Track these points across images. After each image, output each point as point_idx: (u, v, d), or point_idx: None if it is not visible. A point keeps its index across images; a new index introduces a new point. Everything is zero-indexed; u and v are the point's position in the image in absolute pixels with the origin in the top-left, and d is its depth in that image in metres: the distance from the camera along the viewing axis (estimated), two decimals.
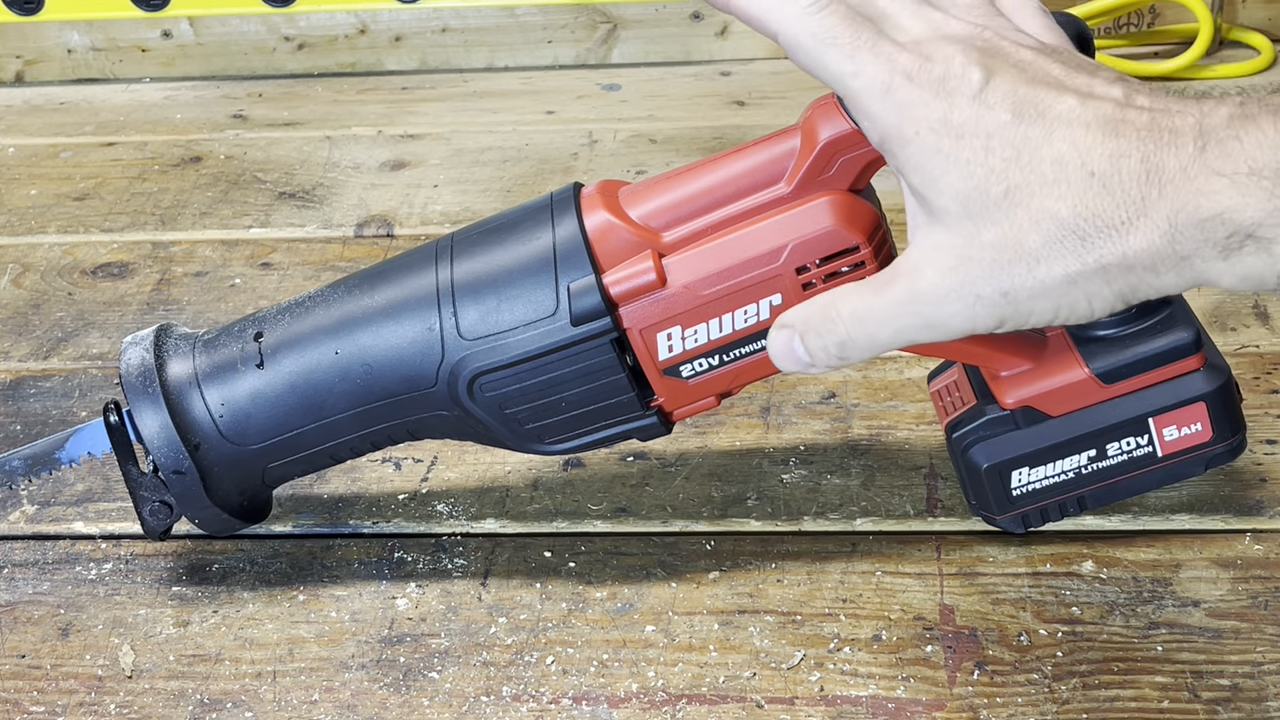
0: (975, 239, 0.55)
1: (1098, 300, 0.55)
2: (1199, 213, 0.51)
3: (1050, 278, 0.54)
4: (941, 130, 0.55)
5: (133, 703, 0.71)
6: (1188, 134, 0.52)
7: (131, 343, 0.75)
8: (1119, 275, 0.54)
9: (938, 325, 0.57)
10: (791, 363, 0.62)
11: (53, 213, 1.14)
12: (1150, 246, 0.52)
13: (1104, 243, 0.53)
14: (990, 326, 0.56)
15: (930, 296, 0.56)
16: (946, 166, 0.55)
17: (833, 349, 0.60)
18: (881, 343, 0.59)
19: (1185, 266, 0.53)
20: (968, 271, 0.55)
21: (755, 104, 1.24)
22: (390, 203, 1.12)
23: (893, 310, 0.58)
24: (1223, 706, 0.67)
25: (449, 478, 0.84)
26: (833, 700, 0.68)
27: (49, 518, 0.83)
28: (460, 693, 0.70)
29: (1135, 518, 0.77)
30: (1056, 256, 0.54)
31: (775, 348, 0.63)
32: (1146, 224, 0.52)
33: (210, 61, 1.36)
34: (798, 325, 0.62)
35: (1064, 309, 0.55)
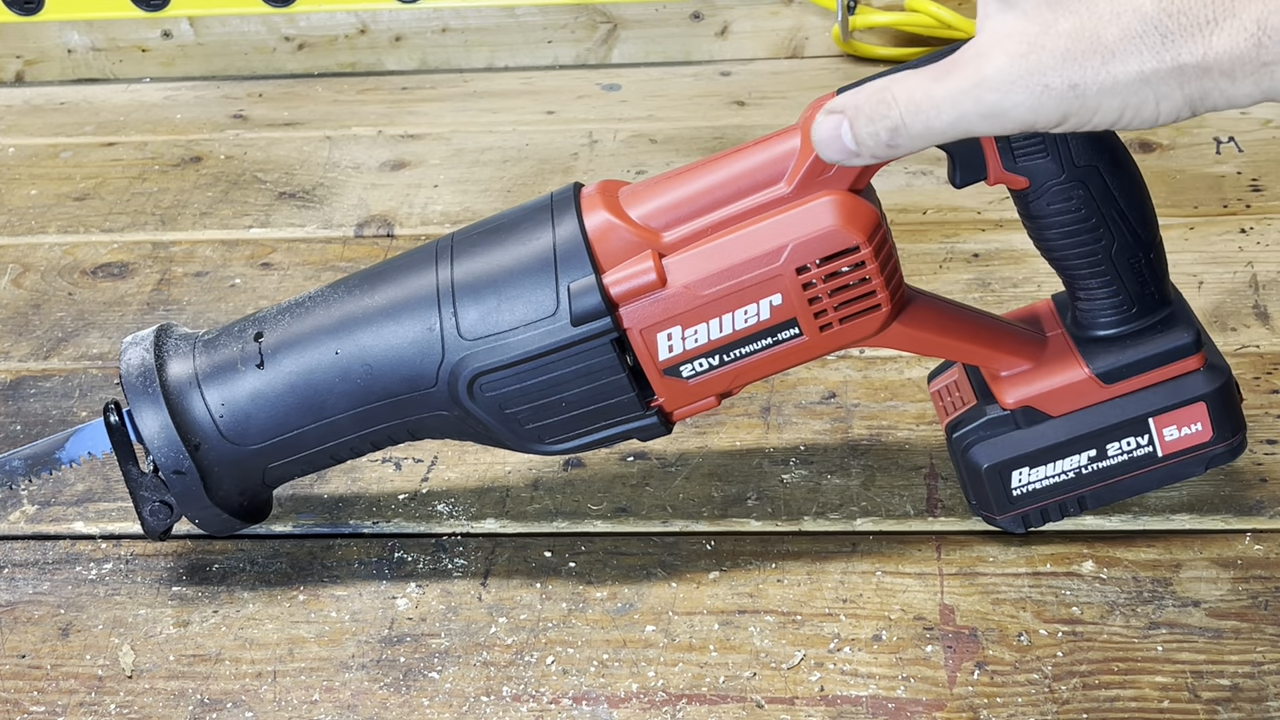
0: (1052, 26, 0.53)
1: (1166, 103, 0.53)
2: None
3: (1124, 73, 0.52)
4: None
5: (133, 703, 0.71)
6: None
7: (132, 343, 0.75)
8: (1194, 78, 0.52)
9: (999, 114, 0.55)
10: (836, 150, 0.60)
11: (53, 213, 1.14)
12: (1233, 49, 0.51)
13: (1185, 41, 0.52)
14: (1053, 121, 0.54)
15: (996, 82, 0.54)
16: None
17: (884, 135, 0.58)
18: (937, 130, 0.57)
19: (1265, 74, 0.51)
20: (1039, 59, 0.53)
21: (755, 104, 1.23)
22: (390, 203, 1.12)
23: (954, 96, 0.55)
24: (1223, 706, 0.67)
25: (449, 478, 0.84)
26: (833, 700, 0.68)
27: (49, 518, 0.83)
28: (460, 693, 0.70)
29: (1135, 518, 0.77)
30: (1133, 52, 0.52)
31: (821, 133, 0.60)
32: (1233, 25, 0.51)
33: (210, 61, 1.36)
34: (848, 110, 0.59)
35: (1130, 109, 0.54)
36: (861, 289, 0.68)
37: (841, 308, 0.69)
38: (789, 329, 0.69)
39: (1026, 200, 0.70)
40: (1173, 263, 0.74)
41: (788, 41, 1.31)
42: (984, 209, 1.03)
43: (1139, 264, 0.71)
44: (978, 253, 0.99)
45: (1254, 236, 0.99)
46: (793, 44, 1.31)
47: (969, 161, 0.68)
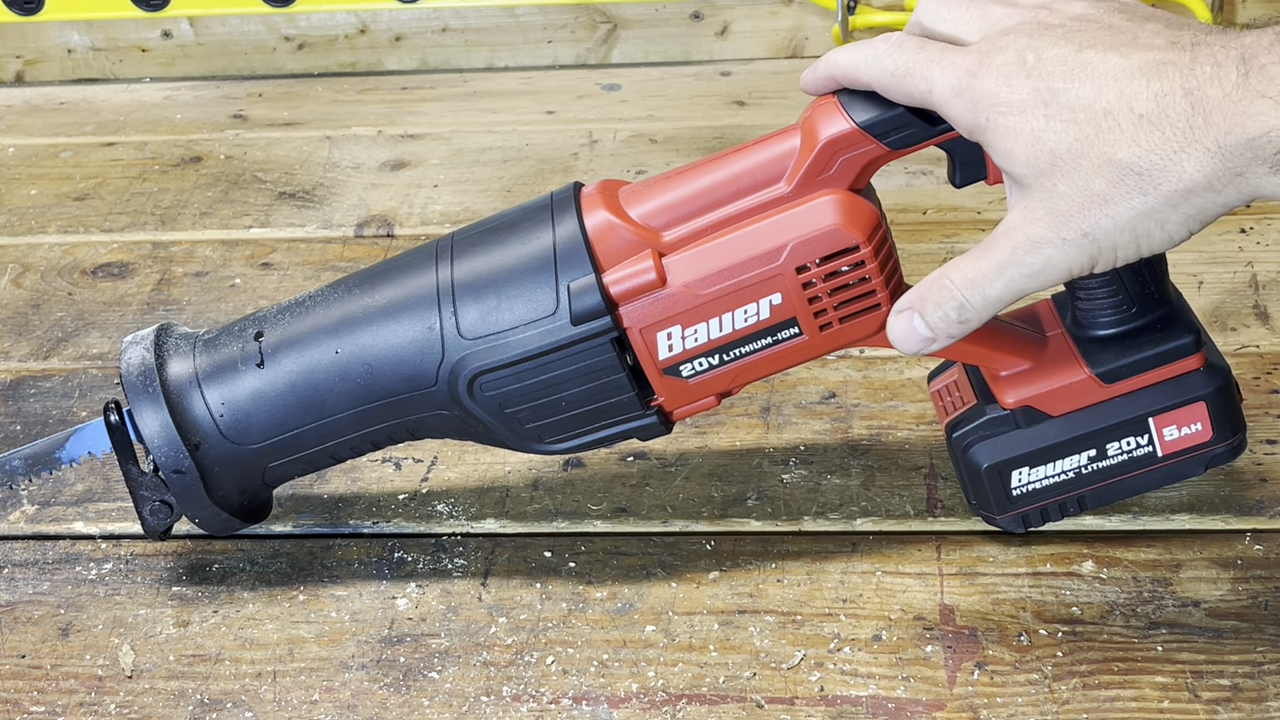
0: (1052, 192, 0.61)
1: (1170, 226, 0.60)
2: (1245, 133, 0.56)
3: (1121, 214, 0.59)
4: (1006, 110, 0.61)
5: (133, 703, 0.71)
6: (1230, 64, 0.57)
7: (132, 342, 0.75)
8: (1182, 201, 0.58)
9: (1040, 271, 0.62)
10: (915, 342, 0.66)
11: (53, 213, 1.14)
12: (1204, 170, 0.57)
13: (1161, 174, 0.58)
14: (1085, 265, 0.61)
15: (1027, 247, 0.62)
16: (1015, 140, 0.61)
17: (953, 315, 0.64)
18: (994, 298, 0.63)
19: (1241, 182, 0.57)
20: (1052, 220, 0.61)
21: (755, 104, 1.23)
22: (390, 203, 1.12)
23: (999, 267, 0.63)
24: (1223, 706, 0.67)
25: (449, 478, 0.84)
26: (833, 700, 0.68)
27: (49, 518, 0.83)
28: (460, 693, 0.70)
29: (1135, 518, 0.77)
30: (1122, 195, 0.59)
31: (897, 332, 0.66)
32: (1197, 150, 0.57)
33: (210, 61, 1.36)
34: (915, 304, 0.66)
35: (1142, 240, 0.60)
36: (861, 288, 0.68)
37: (841, 307, 0.69)
38: (789, 328, 0.69)
39: None
40: (1173, 263, 0.74)
41: (788, 41, 1.31)
42: (984, 209, 1.03)
43: (1139, 264, 0.71)
44: None
45: (1254, 236, 0.99)
46: (793, 44, 1.31)
47: (969, 161, 0.69)
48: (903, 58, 0.64)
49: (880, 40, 0.66)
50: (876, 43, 0.66)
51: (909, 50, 0.64)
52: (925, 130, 0.66)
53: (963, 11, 0.65)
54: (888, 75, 0.65)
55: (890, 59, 0.64)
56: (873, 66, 0.65)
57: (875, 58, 0.65)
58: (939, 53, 0.63)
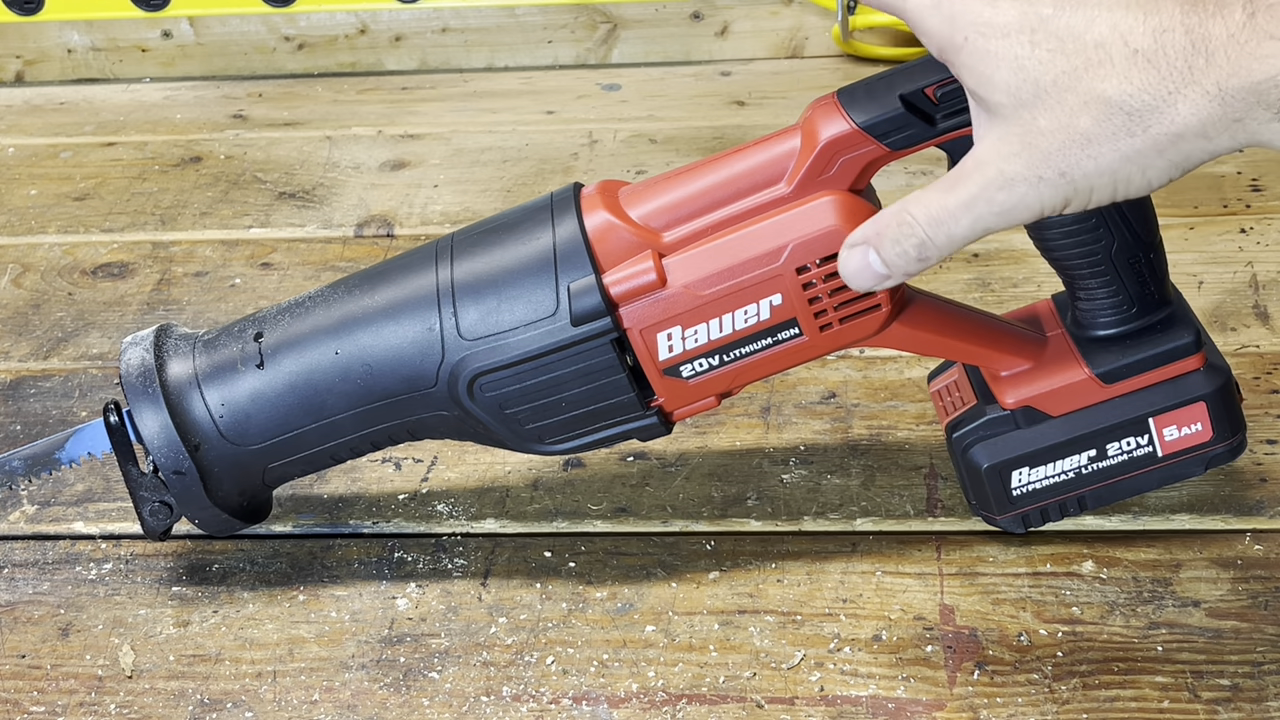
0: (1032, 126, 0.57)
1: (1152, 172, 0.56)
2: (1251, 76, 0.52)
3: (1104, 156, 0.56)
4: (988, 32, 0.57)
5: (133, 703, 0.71)
6: (1236, 2, 0.53)
7: (131, 343, 0.75)
8: (1170, 146, 0.55)
9: (1010, 210, 0.58)
10: (868, 278, 0.63)
11: (53, 213, 1.14)
12: (1199, 114, 0.54)
13: (1152, 116, 0.55)
14: (1058, 206, 0.58)
15: (998, 183, 0.58)
16: (996, 65, 0.57)
17: (912, 252, 0.61)
18: (959, 236, 0.60)
19: (1238, 129, 0.54)
20: (1029, 156, 0.57)
21: (755, 104, 1.24)
22: (390, 203, 1.12)
23: (967, 203, 0.59)
24: (1223, 706, 0.67)
25: (449, 478, 0.84)
26: (833, 700, 0.69)
27: (49, 518, 0.83)
28: (460, 693, 0.70)
29: (1135, 518, 0.77)
30: (1108, 135, 0.55)
31: (849, 267, 0.63)
32: (1194, 92, 0.54)
33: (210, 61, 1.36)
34: (870, 238, 0.62)
35: (1121, 184, 0.57)
36: None
37: (841, 308, 0.69)
38: (789, 329, 0.69)
39: None
40: (1173, 263, 0.74)
41: (788, 41, 1.31)
42: None
43: (1139, 264, 0.71)
44: (978, 253, 0.99)
45: (1254, 236, 0.99)
46: (793, 44, 1.31)
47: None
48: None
49: None
50: None
51: None
52: (925, 131, 0.66)
53: None
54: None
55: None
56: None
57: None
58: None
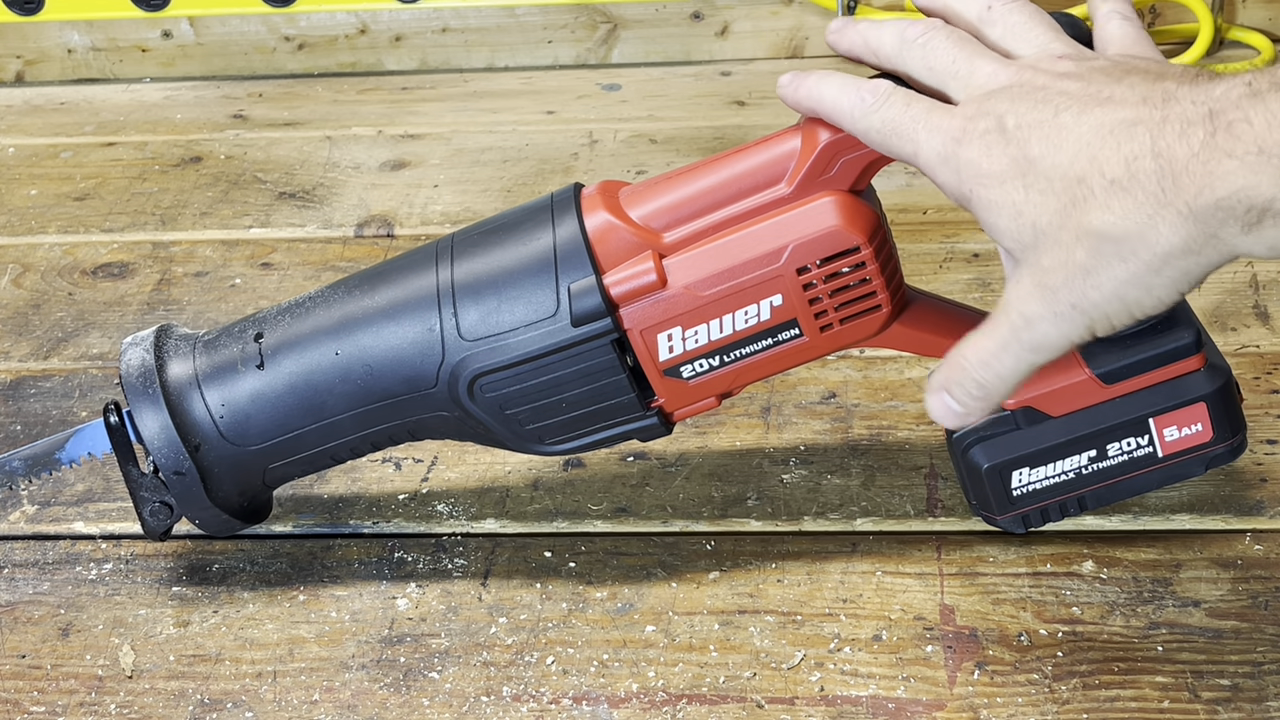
0: (1038, 266, 0.59)
1: (1158, 290, 0.57)
2: (1215, 193, 0.54)
3: (1105, 284, 0.57)
4: (987, 183, 0.60)
5: (133, 703, 0.71)
6: (1198, 122, 0.55)
7: (132, 343, 0.75)
8: (1163, 266, 0.56)
9: (1040, 347, 0.61)
10: (954, 419, 0.65)
11: (53, 213, 1.14)
12: (1179, 233, 0.55)
13: (1138, 241, 0.56)
14: (1084, 335, 0.60)
15: (1021, 325, 0.60)
16: (999, 214, 0.60)
17: (975, 393, 0.63)
18: (1008, 374, 0.62)
19: (1217, 243, 0.55)
20: (1041, 296, 0.59)
21: (755, 104, 1.24)
22: (390, 203, 1.12)
23: (1003, 345, 0.61)
24: (1223, 706, 0.67)
25: (449, 478, 0.84)
26: (833, 700, 0.69)
27: (49, 518, 0.83)
28: (460, 693, 0.70)
29: (1135, 518, 0.77)
30: (1104, 265, 0.57)
31: (935, 412, 0.65)
32: (1169, 213, 0.55)
33: (210, 61, 1.36)
34: (943, 384, 0.64)
35: (1133, 307, 0.58)
36: (862, 289, 0.68)
37: (842, 308, 0.69)
38: (789, 329, 0.69)
39: None
40: None
41: (788, 41, 1.31)
42: None
43: None
44: (978, 253, 0.99)
45: None
46: (793, 44, 1.31)
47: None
48: (890, 114, 0.63)
49: (868, 89, 0.64)
50: (864, 90, 0.64)
51: (896, 107, 0.63)
52: None
53: (951, 65, 0.63)
54: (874, 131, 0.63)
55: (877, 115, 0.63)
56: (859, 119, 0.64)
57: (862, 110, 0.64)
58: (925, 112, 0.62)
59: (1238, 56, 1.24)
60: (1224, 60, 1.24)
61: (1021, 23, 0.64)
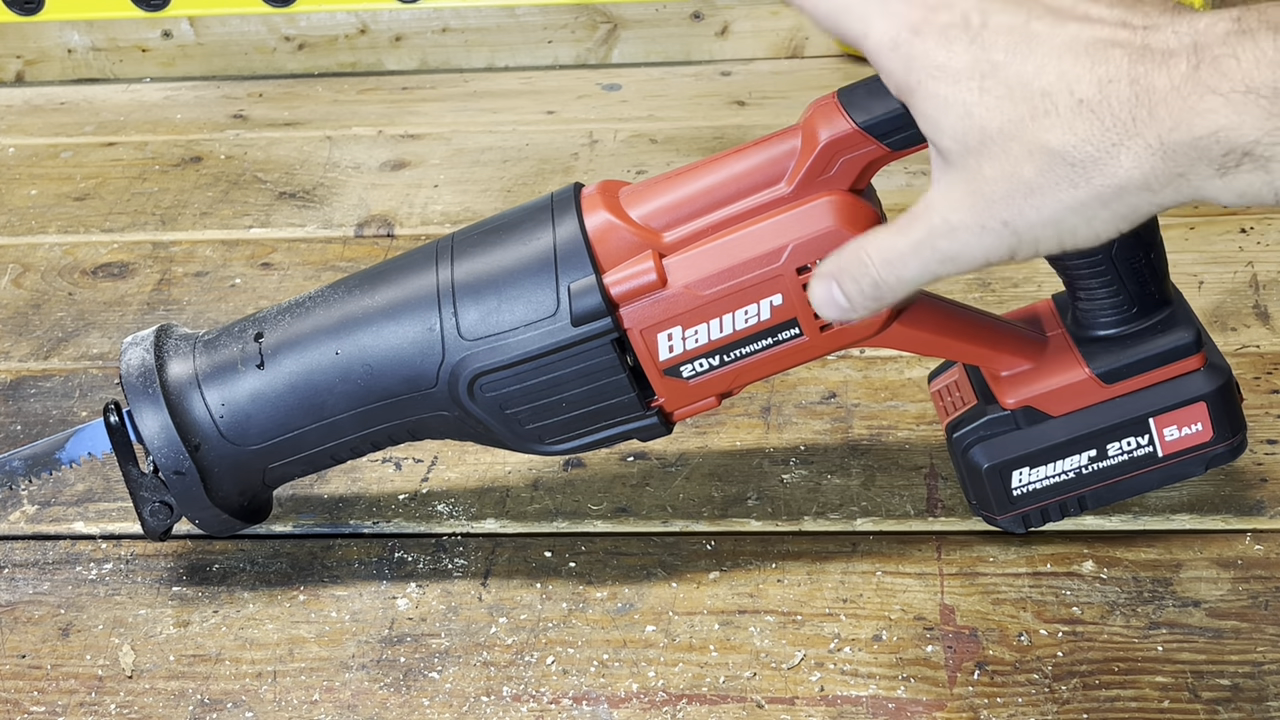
0: (977, 174, 0.56)
1: (1098, 223, 0.55)
2: (1192, 131, 0.52)
3: (1047, 206, 0.55)
4: (940, 77, 0.56)
5: (133, 703, 0.71)
6: (1181, 53, 0.53)
7: (132, 343, 0.75)
8: (1114, 198, 0.54)
9: (955, 258, 0.58)
10: (833, 310, 0.63)
11: (53, 213, 1.14)
12: (1142, 167, 0.53)
13: (1094, 168, 0.54)
14: (1003, 256, 0.58)
15: (943, 230, 0.58)
16: (945, 110, 0.57)
17: (868, 290, 0.61)
18: (910, 279, 0.60)
19: (1182, 183, 0.53)
20: (973, 205, 0.57)
21: (755, 104, 1.24)
22: (390, 203, 1.12)
23: (915, 248, 0.59)
24: (1223, 706, 0.67)
25: (449, 478, 0.84)
26: (833, 700, 0.69)
27: (49, 518, 0.83)
28: (460, 693, 0.70)
29: (1135, 518, 0.77)
30: (1051, 186, 0.55)
31: (817, 298, 0.63)
32: (1137, 144, 0.53)
33: (210, 61, 1.36)
34: (833, 273, 0.62)
35: (1066, 235, 0.56)
36: None
37: None
38: (789, 329, 0.69)
39: None
40: (1173, 263, 0.74)
41: (788, 41, 1.31)
42: None
43: (1139, 264, 0.71)
44: None
45: (1254, 236, 0.99)
46: (793, 44, 1.31)
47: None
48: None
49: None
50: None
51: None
52: None
53: None
54: (823, 5, 0.60)
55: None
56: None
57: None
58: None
59: None
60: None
61: None
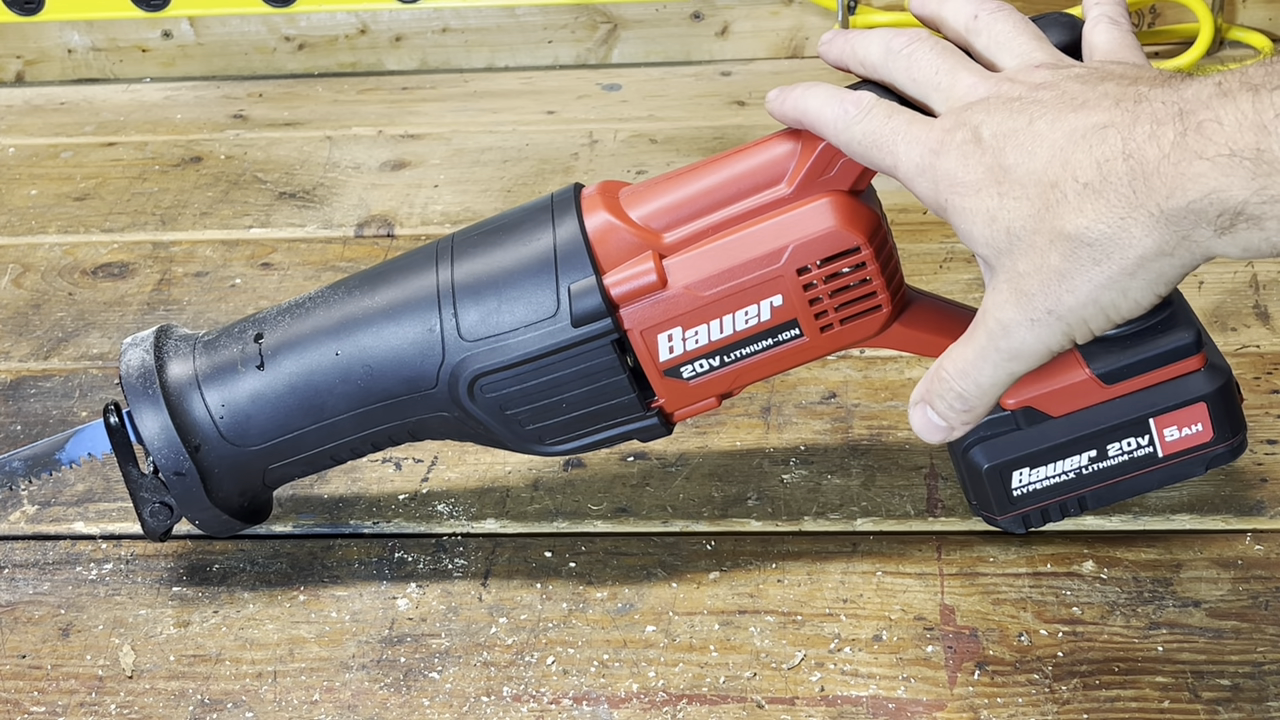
0: (1014, 272, 0.59)
1: (1134, 293, 0.57)
2: (1186, 196, 0.53)
3: (1081, 289, 0.57)
4: (963, 191, 0.60)
5: (133, 703, 0.71)
6: (1168, 121, 0.54)
7: (132, 344, 0.75)
8: (1138, 268, 0.56)
9: (1019, 355, 0.60)
10: (935, 434, 0.65)
11: (53, 213, 1.14)
12: (1152, 235, 0.55)
13: (1112, 245, 0.56)
14: (1062, 342, 0.60)
15: (999, 332, 0.60)
16: (974, 221, 0.60)
17: (957, 405, 0.63)
18: (989, 384, 0.62)
19: (1191, 245, 0.55)
20: (1018, 302, 0.59)
21: (755, 104, 1.24)
22: (390, 203, 1.12)
23: (982, 354, 0.61)
24: (1223, 707, 0.67)
25: (449, 478, 0.84)
26: (833, 700, 0.69)
27: (49, 518, 0.83)
28: (461, 693, 0.70)
29: (1136, 518, 0.77)
30: (1079, 269, 0.57)
31: (916, 425, 0.65)
32: (1141, 215, 0.55)
33: (210, 61, 1.36)
34: (925, 397, 0.65)
35: (1110, 310, 0.58)
36: (862, 290, 0.68)
37: (842, 308, 0.69)
38: (790, 330, 0.69)
39: None
40: None
41: (788, 41, 1.31)
42: None
43: None
44: None
45: None
46: (793, 44, 1.31)
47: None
48: (871, 126, 0.63)
49: (851, 101, 0.64)
50: (847, 103, 0.64)
51: (878, 119, 0.63)
52: None
53: (933, 76, 0.63)
54: (855, 143, 0.64)
55: (859, 127, 0.63)
56: (841, 131, 0.64)
57: (845, 122, 0.64)
58: (905, 124, 0.62)
59: (1238, 56, 1.24)
60: (1224, 60, 1.24)
61: (1005, 31, 0.64)
